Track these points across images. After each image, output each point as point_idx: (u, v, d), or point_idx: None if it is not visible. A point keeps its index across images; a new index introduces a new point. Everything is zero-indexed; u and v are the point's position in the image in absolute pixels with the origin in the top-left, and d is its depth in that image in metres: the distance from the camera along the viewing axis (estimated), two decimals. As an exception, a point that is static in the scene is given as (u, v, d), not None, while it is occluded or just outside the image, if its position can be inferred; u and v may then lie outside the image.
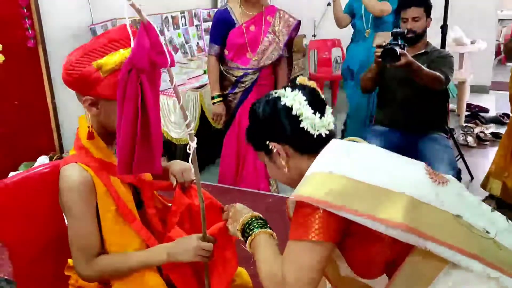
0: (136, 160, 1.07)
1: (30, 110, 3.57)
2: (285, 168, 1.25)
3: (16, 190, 1.39)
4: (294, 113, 1.20)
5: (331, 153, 1.18)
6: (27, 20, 3.40)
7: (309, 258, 1.06)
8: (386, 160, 1.21)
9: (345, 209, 1.04)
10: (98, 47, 1.20)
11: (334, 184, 1.08)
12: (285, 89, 1.26)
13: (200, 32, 5.22)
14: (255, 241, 1.23)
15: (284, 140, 1.23)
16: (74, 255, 1.29)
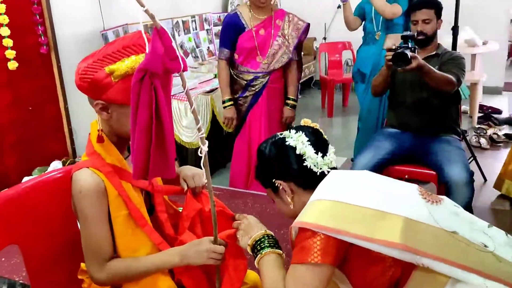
0: (151, 165, 1.07)
1: (43, 116, 3.62)
2: (291, 204, 1.33)
3: (30, 195, 1.41)
4: (297, 153, 1.30)
5: (329, 182, 1.26)
6: (40, 27, 3.44)
7: (310, 280, 1.12)
8: (381, 184, 1.28)
9: (343, 232, 1.11)
10: (110, 53, 1.22)
11: (333, 210, 1.15)
12: (290, 130, 1.36)
13: (211, 36, 5.25)
14: (263, 260, 1.27)
15: (289, 177, 1.32)
16: (87, 259, 1.31)
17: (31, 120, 3.54)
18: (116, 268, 1.30)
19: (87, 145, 1.36)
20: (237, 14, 3.03)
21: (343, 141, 4.61)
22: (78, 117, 3.78)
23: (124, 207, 1.31)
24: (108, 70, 1.20)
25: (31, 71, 3.46)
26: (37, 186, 1.43)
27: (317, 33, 6.58)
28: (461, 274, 1.11)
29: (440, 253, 1.11)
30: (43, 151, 3.62)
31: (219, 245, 1.33)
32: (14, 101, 3.41)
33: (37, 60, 3.50)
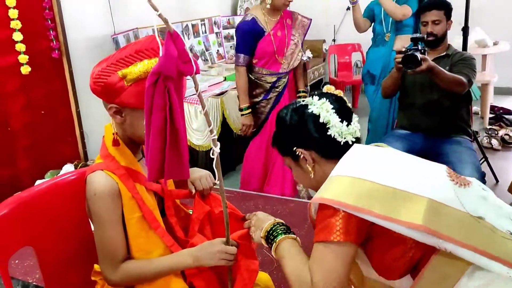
0: (166, 166, 1.09)
1: (55, 119, 3.65)
2: (311, 173, 1.29)
3: (44, 197, 1.43)
4: (321, 121, 1.25)
5: (352, 157, 1.21)
6: (51, 32, 3.49)
7: (333, 259, 1.09)
8: (407, 163, 1.22)
9: (365, 210, 1.07)
10: (123, 57, 1.23)
11: (355, 187, 1.11)
12: (312, 97, 1.30)
13: (220, 39, 5.27)
14: (279, 247, 1.24)
15: (311, 146, 1.27)
16: (101, 261, 1.32)
17: (44, 124, 3.58)
18: (130, 270, 1.31)
19: (101, 148, 1.37)
20: (254, 19, 3.05)
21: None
22: (89, 120, 3.81)
23: (138, 210, 1.32)
24: (121, 74, 1.21)
25: (43, 75, 3.51)
26: (51, 188, 1.45)
27: (326, 35, 6.58)
28: (484, 261, 1.07)
29: (464, 238, 1.07)
30: (55, 154, 3.66)
31: (231, 246, 1.34)
32: (27, 105, 3.45)
33: (49, 65, 3.54)
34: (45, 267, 1.41)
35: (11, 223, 1.33)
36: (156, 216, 1.36)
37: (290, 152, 1.32)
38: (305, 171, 1.31)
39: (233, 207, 1.48)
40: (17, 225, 1.35)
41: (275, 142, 1.38)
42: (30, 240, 1.39)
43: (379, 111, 3.60)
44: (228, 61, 5.13)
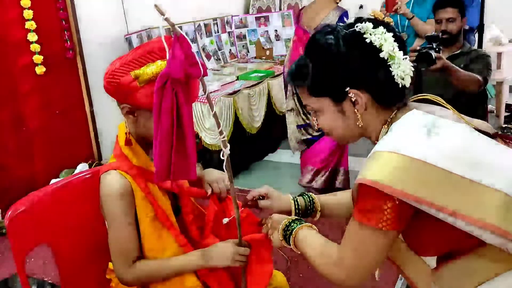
0: (173, 167, 1.10)
1: (69, 119, 3.68)
2: (359, 122, 1.07)
3: (60, 196, 1.44)
4: (382, 55, 1.02)
5: (409, 129, 1.00)
6: (66, 32, 3.52)
7: (373, 246, 0.99)
8: (477, 145, 1.00)
9: (425, 201, 0.91)
10: (136, 58, 1.23)
11: (412, 170, 0.93)
12: (362, 22, 1.05)
13: (233, 38, 5.27)
14: (297, 238, 1.18)
15: (368, 87, 1.04)
16: (114, 260, 1.33)
17: (58, 124, 3.61)
18: (142, 269, 1.32)
19: (114, 147, 1.38)
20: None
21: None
22: (103, 120, 3.84)
23: (151, 209, 1.33)
24: (133, 75, 1.21)
25: (58, 75, 3.54)
26: (66, 187, 1.46)
27: (339, 33, 6.55)
28: None
29: None
30: (70, 153, 3.69)
31: (244, 247, 1.34)
32: (41, 105, 3.49)
33: (63, 65, 3.57)
34: (61, 265, 1.43)
35: (28, 221, 1.35)
36: (169, 216, 1.36)
37: (334, 93, 1.06)
38: (348, 118, 1.08)
39: (249, 211, 1.48)
40: (34, 223, 1.37)
41: (305, 77, 1.08)
42: (46, 237, 1.40)
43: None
44: (240, 60, 5.13)
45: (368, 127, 1.09)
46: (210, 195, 1.48)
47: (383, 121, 1.08)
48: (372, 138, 1.11)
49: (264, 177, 3.95)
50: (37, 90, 3.44)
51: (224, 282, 1.41)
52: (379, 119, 1.07)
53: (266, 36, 5.36)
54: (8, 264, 2.68)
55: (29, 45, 3.31)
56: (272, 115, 4.42)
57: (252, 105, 4.06)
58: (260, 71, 4.45)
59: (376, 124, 1.08)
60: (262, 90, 4.20)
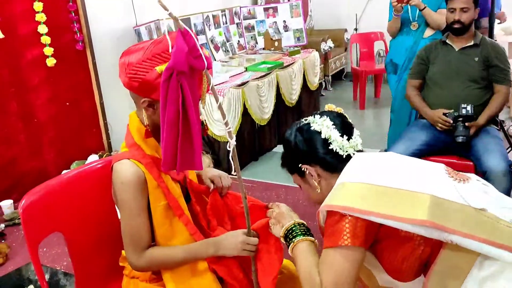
0: (179, 157, 1.11)
1: (80, 111, 3.72)
2: (317, 188, 1.34)
3: (72, 185, 1.46)
4: (323, 137, 1.31)
5: (354, 165, 1.26)
6: (75, 24, 3.54)
7: (342, 263, 1.12)
8: (407, 164, 1.27)
9: (371, 212, 1.10)
10: (159, 52, 1.20)
11: (359, 191, 1.15)
12: (314, 116, 1.37)
13: (241, 29, 5.26)
14: (296, 248, 1.28)
15: (315, 161, 1.33)
16: (126, 247, 1.34)
17: (69, 116, 3.64)
18: (154, 257, 1.34)
19: (126, 136, 1.38)
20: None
21: (376, 133, 4.56)
22: (113, 111, 3.87)
23: (163, 198, 1.34)
24: (159, 71, 1.19)
25: (68, 67, 3.56)
26: (78, 176, 1.48)
27: (348, 24, 6.51)
28: (492, 250, 1.09)
29: (468, 229, 1.10)
30: (81, 145, 3.73)
31: (253, 237, 1.35)
32: (52, 97, 3.52)
33: (73, 57, 3.60)
34: (74, 253, 1.45)
35: (41, 209, 1.37)
36: (180, 204, 1.38)
37: (296, 169, 1.37)
38: (312, 187, 1.36)
39: (253, 199, 1.49)
40: (47, 211, 1.39)
41: (283, 163, 1.44)
42: (59, 226, 1.42)
43: (401, 101, 3.54)
44: (248, 51, 5.12)
45: (327, 191, 1.26)
46: (212, 190, 1.50)
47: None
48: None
49: (272, 168, 3.96)
50: (47, 82, 3.47)
51: (234, 270, 1.42)
52: (334, 183, 1.26)
53: (274, 27, 5.34)
54: (21, 254, 2.72)
55: (39, 37, 3.34)
56: (281, 106, 4.42)
57: (261, 96, 4.06)
58: (269, 62, 4.44)
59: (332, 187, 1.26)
60: (270, 81, 4.19)
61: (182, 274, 1.37)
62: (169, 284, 1.36)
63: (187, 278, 1.37)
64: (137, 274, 1.41)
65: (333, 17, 6.63)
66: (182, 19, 4.37)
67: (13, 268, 2.44)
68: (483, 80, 2.69)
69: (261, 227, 1.40)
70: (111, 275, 1.54)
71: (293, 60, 4.67)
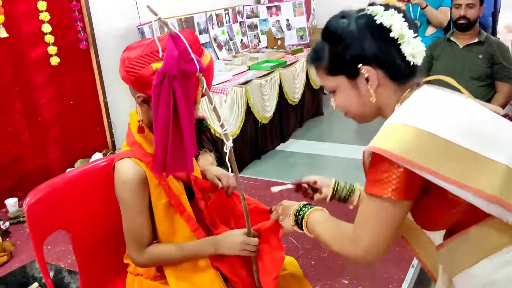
0: (169, 160, 1.14)
1: (84, 110, 3.73)
2: (372, 97, 1.10)
3: (76, 183, 1.48)
4: (392, 35, 1.06)
5: (420, 103, 1.04)
6: (79, 23, 3.55)
7: (385, 216, 1.01)
8: (484, 120, 1.05)
9: (430, 171, 0.94)
10: (157, 50, 1.21)
11: (420, 141, 0.96)
12: (374, 5, 1.12)
13: (244, 28, 5.27)
14: (310, 221, 1.22)
15: (380, 63, 1.08)
16: (128, 244, 1.36)
17: (73, 114, 3.65)
18: (155, 254, 1.36)
19: (127, 135, 1.39)
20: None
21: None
22: (117, 110, 3.88)
23: (165, 195, 1.35)
24: (154, 68, 1.20)
25: (72, 66, 3.57)
26: (82, 174, 1.50)
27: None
28: None
29: None
30: (85, 144, 3.74)
31: (253, 237, 1.36)
32: (56, 95, 3.53)
33: (77, 56, 3.60)
34: (78, 250, 1.46)
35: (46, 207, 1.38)
36: (182, 201, 1.38)
37: (347, 70, 1.10)
38: (363, 95, 1.11)
39: (255, 201, 1.50)
40: (51, 210, 1.40)
41: (322, 58, 1.14)
42: (63, 223, 1.44)
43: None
44: (252, 50, 5.13)
45: (382, 105, 1.11)
46: (219, 188, 1.51)
47: (397, 100, 1.11)
48: (387, 116, 1.10)
49: (275, 166, 3.97)
50: (51, 80, 3.48)
51: (237, 267, 1.44)
52: (393, 97, 1.10)
53: (277, 25, 5.35)
54: (26, 251, 2.73)
55: (43, 36, 3.35)
56: (284, 105, 4.43)
57: (263, 95, 4.06)
58: (272, 61, 4.45)
59: (390, 101, 1.10)
60: (273, 80, 4.20)
61: (185, 271, 1.38)
62: (171, 281, 1.37)
63: (189, 275, 1.38)
64: (141, 271, 1.43)
65: (336, 16, 6.60)
66: (185, 18, 4.38)
67: (17, 266, 2.46)
68: (487, 78, 2.70)
69: (262, 228, 1.41)
70: (116, 272, 1.56)
71: (296, 58, 4.68)
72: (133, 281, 1.45)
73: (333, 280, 2.34)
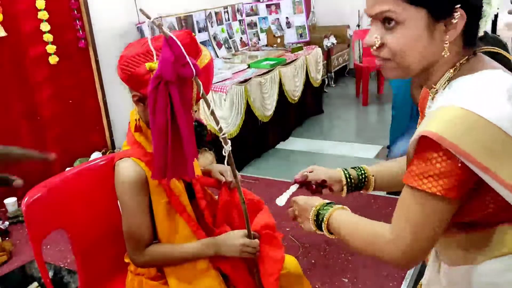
0: (169, 166, 1.12)
1: (83, 109, 3.72)
2: (445, 51, 0.91)
3: (75, 182, 1.47)
4: None
5: (489, 89, 0.87)
6: (78, 21, 3.54)
7: (431, 214, 0.88)
8: None
9: (490, 173, 0.81)
10: (151, 50, 1.21)
11: (484, 134, 0.82)
12: None
13: (243, 26, 5.26)
14: (331, 223, 1.10)
15: (471, 14, 0.89)
16: (128, 244, 1.36)
17: (72, 113, 3.65)
18: (155, 254, 1.35)
19: (127, 134, 1.39)
20: None
21: (379, 129, 4.55)
22: (116, 109, 3.87)
23: (165, 195, 1.34)
24: (148, 67, 1.21)
25: (71, 65, 3.57)
26: (81, 173, 1.49)
27: (350, 20, 6.49)
28: None
29: None
30: (84, 143, 3.73)
31: (253, 239, 1.36)
32: (55, 94, 3.53)
33: (76, 55, 3.60)
34: (77, 250, 1.45)
35: (44, 206, 1.37)
36: (183, 201, 1.38)
37: (439, 5, 0.89)
38: (433, 43, 0.91)
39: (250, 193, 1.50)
40: (49, 208, 1.39)
41: None
42: (62, 223, 1.43)
43: (403, 97, 3.54)
44: (251, 48, 5.12)
45: (437, 63, 0.94)
46: (222, 184, 1.50)
47: (452, 64, 0.94)
48: (432, 78, 0.97)
49: (275, 165, 3.96)
50: (50, 79, 3.48)
51: (238, 267, 1.43)
52: (452, 59, 0.93)
53: (277, 23, 5.34)
54: (25, 251, 2.73)
55: (42, 35, 3.34)
56: (284, 103, 4.42)
57: (263, 93, 4.06)
58: (271, 59, 4.44)
59: (446, 61, 0.94)
60: (273, 78, 4.19)
61: (185, 271, 1.37)
62: (172, 281, 1.36)
63: (190, 275, 1.38)
64: (142, 271, 1.42)
65: (335, 14, 6.61)
66: (184, 16, 4.37)
67: (17, 266, 2.45)
68: None
69: (260, 227, 1.41)
70: (115, 272, 1.55)
71: (296, 56, 4.67)
72: (133, 281, 1.44)
73: (333, 278, 2.34)
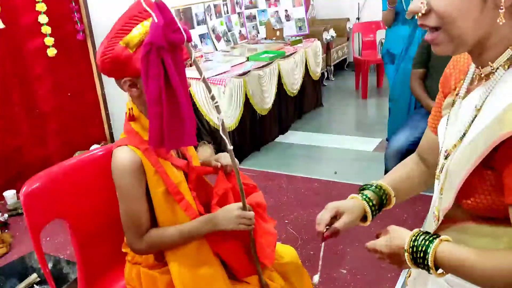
0: (166, 133, 1.11)
1: (82, 101, 3.72)
2: (500, 18, 0.80)
3: (74, 172, 1.47)
4: None
5: None
6: (76, 14, 3.53)
7: None
8: None
9: None
10: (120, 27, 1.23)
11: None
12: None
13: (242, 19, 5.24)
14: (440, 258, 0.89)
15: None
16: (126, 232, 1.36)
17: (71, 106, 3.65)
18: (153, 238, 1.35)
19: (124, 123, 1.39)
20: None
21: (378, 122, 4.55)
22: (114, 102, 3.87)
23: (162, 183, 1.34)
24: (123, 43, 1.20)
25: (69, 57, 3.56)
26: (80, 163, 1.49)
27: (350, 13, 6.48)
28: None
29: None
30: (83, 135, 3.73)
31: (248, 211, 1.37)
32: (54, 87, 3.52)
33: (74, 47, 3.59)
34: (76, 239, 1.46)
35: (43, 195, 1.37)
36: (182, 189, 1.38)
37: None
38: (487, 9, 0.81)
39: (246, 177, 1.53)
40: (48, 198, 1.39)
41: None
42: (60, 212, 1.43)
43: (400, 91, 3.53)
44: (250, 41, 5.11)
45: (494, 36, 0.83)
46: (218, 169, 1.51)
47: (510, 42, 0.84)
48: (488, 53, 0.86)
49: (274, 158, 3.97)
50: (49, 72, 3.47)
51: (237, 253, 1.44)
52: (509, 36, 0.83)
53: (276, 16, 5.32)
54: (25, 243, 2.73)
55: (40, 27, 3.33)
56: (282, 96, 4.42)
57: (262, 86, 4.05)
58: (270, 52, 4.43)
59: (506, 36, 0.83)
60: (272, 71, 4.19)
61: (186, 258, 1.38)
62: (173, 267, 1.37)
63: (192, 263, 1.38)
64: (139, 260, 1.42)
65: (335, 7, 6.59)
66: (183, 9, 4.36)
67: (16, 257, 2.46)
68: None
69: (255, 203, 1.44)
70: (114, 262, 1.55)
71: (295, 49, 4.66)
72: (131, 270, 1.45)
73: (331, 270, 2.35)
